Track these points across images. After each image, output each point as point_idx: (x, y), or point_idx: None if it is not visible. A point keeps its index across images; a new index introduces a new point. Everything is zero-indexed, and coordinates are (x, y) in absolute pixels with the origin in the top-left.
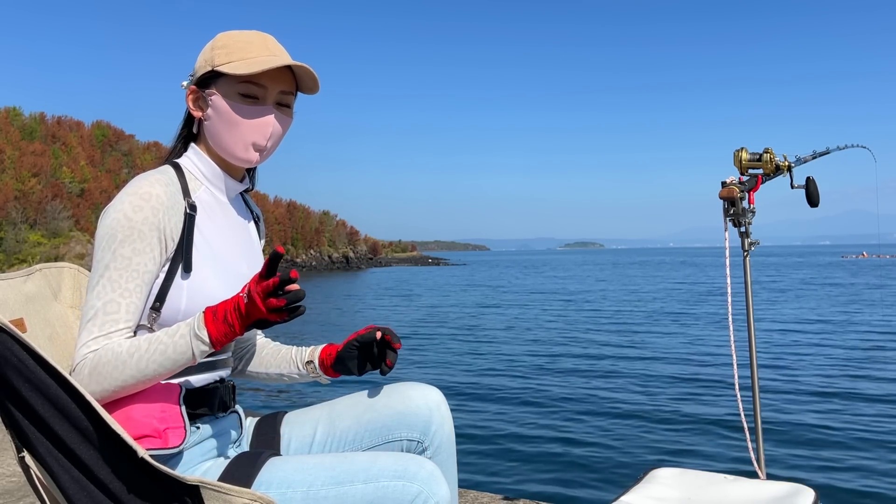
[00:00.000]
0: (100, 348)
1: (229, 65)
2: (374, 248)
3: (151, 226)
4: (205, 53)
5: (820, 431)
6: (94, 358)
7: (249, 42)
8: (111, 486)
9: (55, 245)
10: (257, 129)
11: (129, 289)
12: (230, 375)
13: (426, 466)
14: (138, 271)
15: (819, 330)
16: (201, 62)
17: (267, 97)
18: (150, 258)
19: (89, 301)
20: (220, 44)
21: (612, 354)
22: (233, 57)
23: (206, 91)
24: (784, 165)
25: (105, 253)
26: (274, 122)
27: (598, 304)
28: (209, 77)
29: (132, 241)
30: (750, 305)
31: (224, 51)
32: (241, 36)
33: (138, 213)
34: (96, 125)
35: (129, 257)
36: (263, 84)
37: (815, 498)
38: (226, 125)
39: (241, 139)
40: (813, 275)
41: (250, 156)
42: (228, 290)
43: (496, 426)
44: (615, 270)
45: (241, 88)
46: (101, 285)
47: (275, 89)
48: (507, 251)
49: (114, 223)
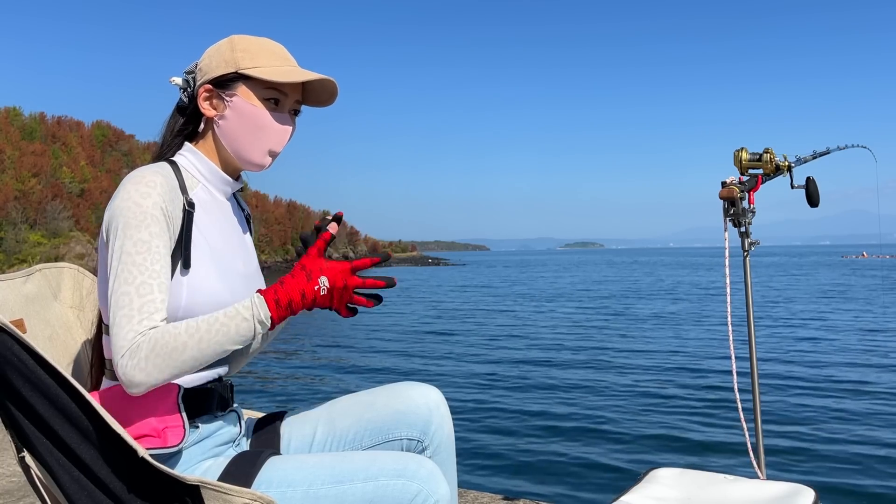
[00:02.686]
0: (154, 328)
1: (257, 69)
2: (374, 249)
3: (160, 210)
4: (223, 54)
5: (820, 432)
6: (150, 339)
7: (272, 50)
8: (111, 486)
9: (55, 245)
10: (277, 135)
11: (155, 270)
12: (228, 374)
13: (426, 465)
14: (160, 253)
15: (819, 330)
16: (219, 62)
17: (285, 106)
18: (164, 241)
19: (119, 288)
20: (241, 46)
21: (612, 354)
22: (258, 62)
23: (225, 92)
24: (784, 165)
25: (123, 240)
26: (290, 131)
27: (598, 303)
28: (231, 79)
29: (147, 225)
30: (750, 305)
31: (247, 54)
32: (261, 42)
33: (147, 199)
34: (96, 125)
35: (147, 241)
36: (286, 92)
37: (815, 498)
38: (249, 129)
39: (262, 145)
40: (813, 275)
41: (265, 161)
42: (226, 287)
43: (496, 426)
44: (615, 270)
45: (266, 94)
46: (126, 271)
47: (292, 98)
48: (507, 251)
49: (124, 211)
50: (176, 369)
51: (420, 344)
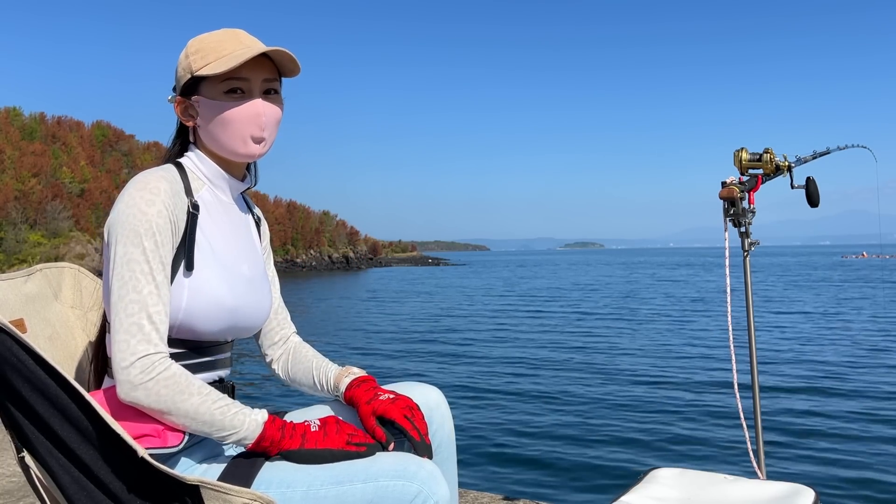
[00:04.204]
0: (171, 362)
1: (207, 66)
2: (374, 248)
3: (165, 219)
4: (181, 63)
5: (820, 432)
6: (169, 369)
7: (220, 40)
8: (111, 486)
9: (55, 245)
10: (250, 121)
11: (160, 280)
12: (229, 375)
13: (426, 466)
14: (164, 263)
15: (820, 330)
16: (180, 72)
17: (252, 89)
18: (168, 250)
19: (126, 295)
20: (193, 49)
21: (612, 354)
22: (208, 58)
23: (191, 98)
24: (784, 165)
25: (128, 248)
26: (264, 111)
27: (599, 303)
28: (191, 84)
29: (152, 234)
30: (750, 305)
31: (199, 55)
32: (212, 36)
33: (152, 207)
34: (96, 125)
35: (153, 250)
36: (245, 77)
37: (815, 498)
38: (219, 126)
39: (238, 135)
40: (813, 275)
41: (251, 149)
42: (229, 290)
43: (496, 426)
44: (615, 270)
45: (224, 86)
46: (134, 279)
47: (258, 79)
48: (507, 251)
49: (130, 218)
50: (169, 409)
51: (420, 344)
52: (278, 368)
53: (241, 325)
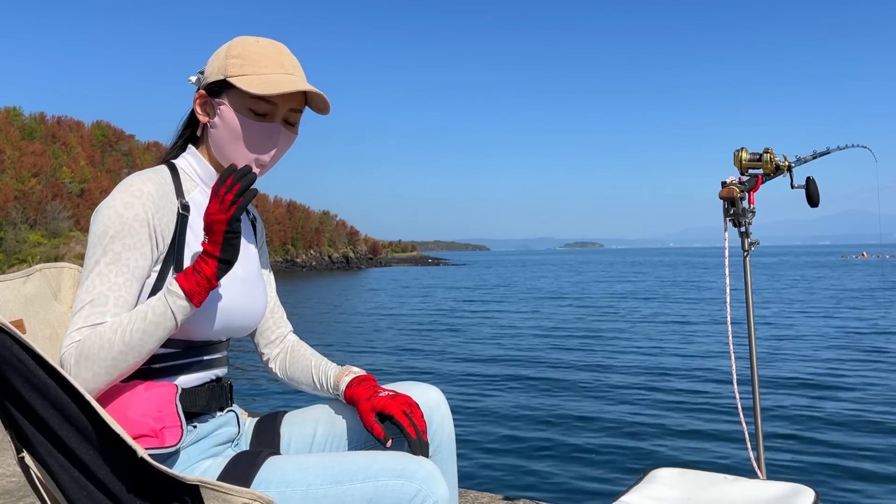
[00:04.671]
0: (83, 337)
1: (242, 78)
2: (374, 248)
3: (142, 222)
4: (218, 59)
5: (820, 431)
6: (78, 346)
7: (264, 55)
8: (111, 486)
9: (55, 245)
10: (262, 145)
11: (118, 283)
12: (226, 374)
13: (425, 465)
14: (128, 266)
15: (820, 330)
16: (213, 68)
17: (276, 114)
18: (140, 254)
19: (78, 296)
20: (234, 52)
21: (612, 355)
22: (246, 70)
23: (215, 99)
24: (784, 165)
25: (96, 249)
26: (279, 140)
27: (598, 302)
28: (220, 86)
29: (122, 236)
30: (750, 305)
31: (238, 61)
32: (257, 46)
33: (129, 210)
34: (96, 125)
35: (119, 252)
36: (274, 101)
37: (815, 498)
38: (231, 137)
39: (245, 153)
40: (813, 275)
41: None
42: (222, 290)
43: (496, 426)
44: (615, 270)
45: (252, 104)
46: (90, 280)
47: (285, 107)
48: (507, 251)
49: (105, 220)
50: (110, 367)
51: (420, 343)
52: (275, 367)
53: (236, 325)
